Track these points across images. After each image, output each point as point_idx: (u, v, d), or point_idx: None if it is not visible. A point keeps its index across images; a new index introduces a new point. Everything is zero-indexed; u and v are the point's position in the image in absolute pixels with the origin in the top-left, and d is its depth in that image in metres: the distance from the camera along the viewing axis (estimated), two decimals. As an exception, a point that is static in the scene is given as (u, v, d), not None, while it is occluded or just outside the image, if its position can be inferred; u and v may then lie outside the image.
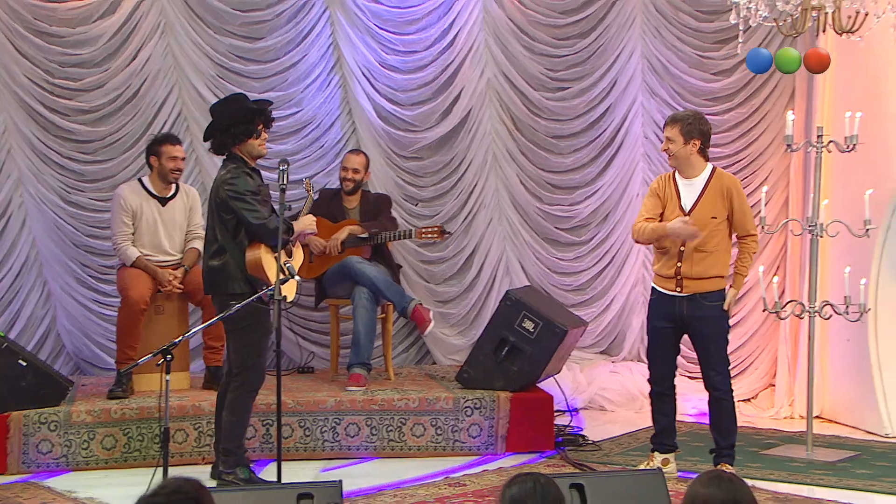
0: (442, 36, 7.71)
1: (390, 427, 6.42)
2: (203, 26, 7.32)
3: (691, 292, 5.76)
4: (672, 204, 5.82)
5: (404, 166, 7.79)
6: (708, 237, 5.74)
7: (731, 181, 5.88)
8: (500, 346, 6.66)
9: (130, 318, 6.42)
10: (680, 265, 5.74)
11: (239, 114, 5.54)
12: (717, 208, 5.75)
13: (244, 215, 5.43)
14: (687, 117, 5.86)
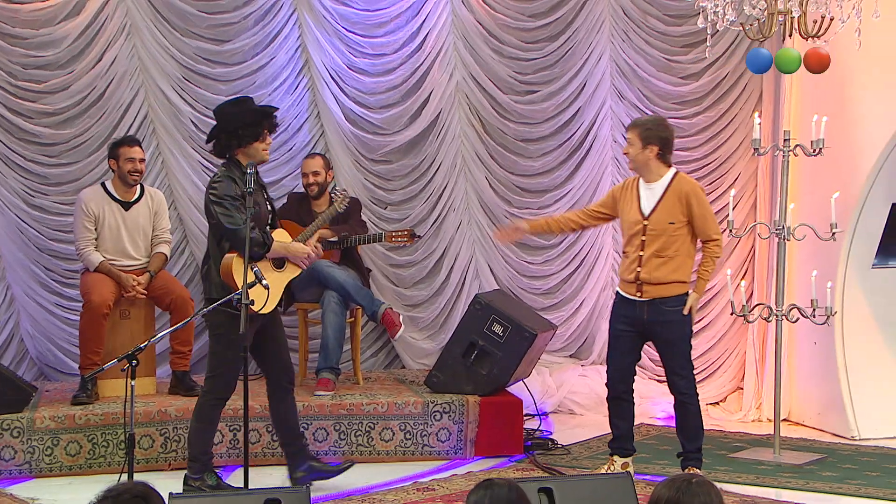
0: (411, 39, 7.71)
1: (359, 432, 6.41)
2: (169, 28, 7.28)
3: (651, 297, 5.78)
4: (632, 208, 5.85)
5: (373, 169, 7.78)
6: (667, 242, 5.76)
7: (691, 186, 5.88)
8: (469, 350, 6.67)
9: (93, 323, 6.37)
10: (639, 270, 5.77)
11: (247, 116, 5.47)
12: (675, 213, 5.77)
13: (219, 220, 5.37)
14: (646, 123, 5.92)
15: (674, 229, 5.76)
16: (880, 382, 7.23)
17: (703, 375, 8.05)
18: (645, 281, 5.76)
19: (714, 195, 7.99)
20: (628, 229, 5.87)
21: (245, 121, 5.44)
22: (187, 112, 7.33)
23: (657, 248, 5.74)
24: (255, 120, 5.46)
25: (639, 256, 5.78)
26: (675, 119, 7.99)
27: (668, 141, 5.85)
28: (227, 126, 5.46)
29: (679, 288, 5.81)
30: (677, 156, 7.94)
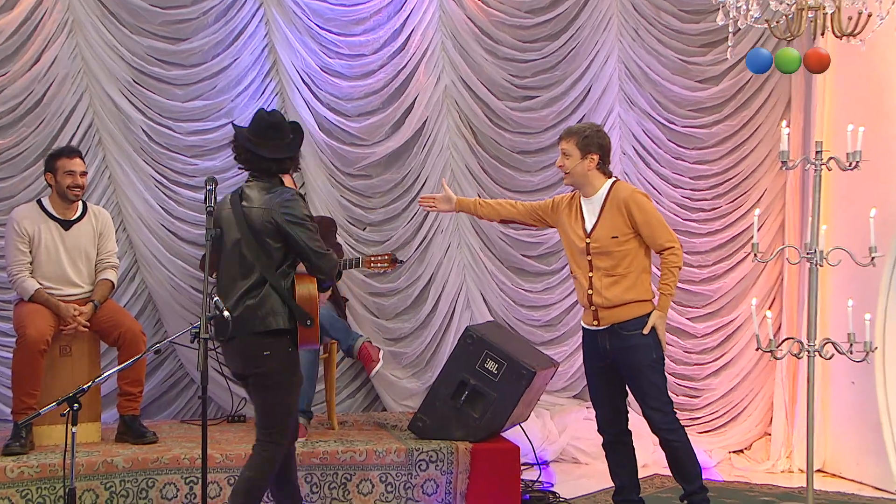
0: (393, 38, 7.73)
1: (333, 484, 6.38)
2: (118, 25, 7.29)
3: (609, 323, 5.78)
4: (575, 225, 5.86)
5: (350, 185, 7.77)
6: (616, 259, 5.77)
7: (629, 193, 5.88)
8: (459, 390, 6.64)
9: (28, 361, 6.31)
10: (591, 293, 5.78)
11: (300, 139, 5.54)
12: (617, 226, 5.77)
13: (305, 243, 5.31)
14: (584, 129, 5.94)
15: (618, 244, 5.76)
16: (927, 427, 7.22)
17: (725, 419, 8.07)
18: (599, 305, 5.77)
19: (737, 214, 8.02)
20: (571, 248, 5.89)
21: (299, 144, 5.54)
22: (138, 120, 7.33)
23: (606, 267, 5.76)
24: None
25: (589, 279, 5.79)
26: (693, 128, 8.02)
27: (608, 149, 5.91)
28: (297, 146, 5.52)
29: (638, 308, 5.79)
30: (695, 170, 8.03)
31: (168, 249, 7.40)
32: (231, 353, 5.39)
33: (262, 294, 5.29)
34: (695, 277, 8.09)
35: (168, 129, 7.39)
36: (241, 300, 5.27)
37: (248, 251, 5.29)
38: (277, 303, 5.31)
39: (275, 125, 5.45)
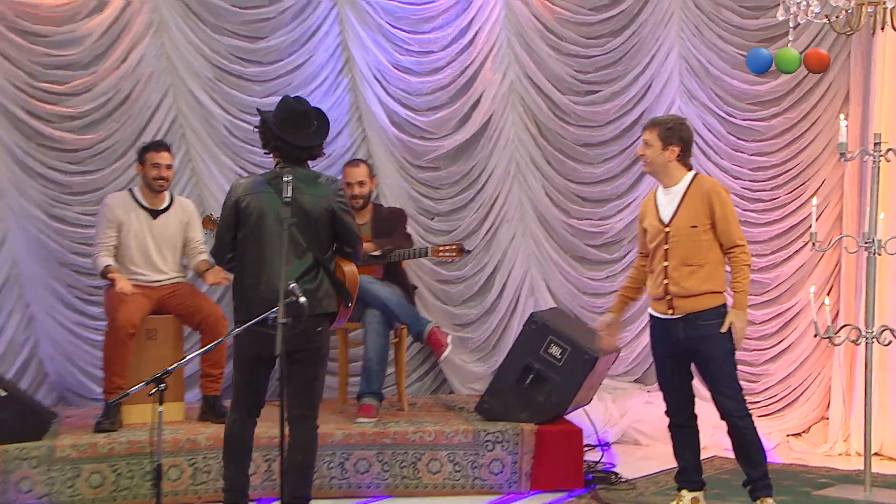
0: (460, 35, 7.72)
1: (404, 463, 6.39)
2: (200, 25, 7.35)
3: (684, 313, 5.70)
4: (652, 218, 5.80)
5: (419, 177, 7.78)
6: (693, 249, 5.68)
7: (712, 185, 5.81)
8: (523, 374, 6.63)
9: (118, 344, 6.41)
10: (667, 283, 5.70)
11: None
12: (698, 216, 5.68)
13: (350, 230, 5.44)
14: (667, 121, 5.86)
15: (697, 234, 5.67)
16: (984, 412, 7.11)
17: (783, 403, 8.00)
18: (675, 294, 5.68)
19: (795, 204, 7.93)
20: (651, 242, 5.81)
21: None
22: (219, 115, 7.39)
23: (683, 257, 5.67)
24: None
25: (664, 268, 5.71)
26: (752, 121, 7.94)
27: (690, 142, 5.82)
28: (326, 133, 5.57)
29: (713, 299, 5.70)
30: (753, 161, 7.94)
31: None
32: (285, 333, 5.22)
33: (319, 277, 5.33)
34: (754, 266, 7.90)
35: (247, 123, 7.43)
36: (295, 285, 5.15)
37: (301, 236, 5.29)
38: (330, 286, 5.38)
39: (304, 113, 5.46)
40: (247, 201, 5.33)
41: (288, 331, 5.00)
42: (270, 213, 5.28)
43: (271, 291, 5.13)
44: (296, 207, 5.22)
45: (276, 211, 5.23)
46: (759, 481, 5.80)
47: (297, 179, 5.22)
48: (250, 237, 5.33)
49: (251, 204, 5.32)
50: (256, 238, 5.32)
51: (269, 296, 5.15)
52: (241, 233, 5.36)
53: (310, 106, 5.56)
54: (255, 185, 5.39)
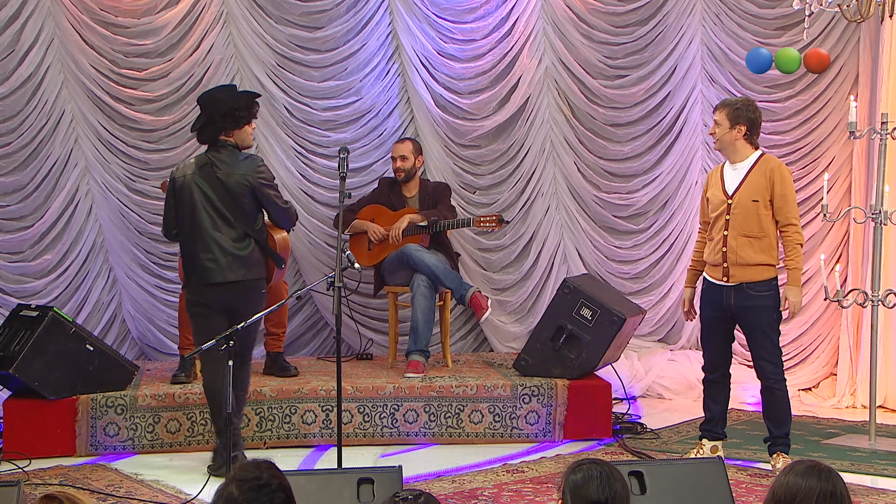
0: (500, 24, 7.68)
1: (448, 413, 6.44)
2: (264, 16, 7.37)
3: (738, 282, 5.68)
4: (716, 187, 5.78)
5: (462, 155, 7.79)
6: (753, 221, 5.66)
7: (777, 164, 5.78)
8: (557, 333, 6.65)
9: None
10: (725, 250, 5.68)
11: (240, 100, 5.72)
12: (760, 191, 5.66)
13: (274, 202, 5.66)
14: (735, 102, 5.84)
15: (758, 208, 5.65)
16: (980, 370, 7.05)
17: (795, 361, 7.94)
18: (732, 262, 5.67)
19: (807, 179, 7.86)
20: (713, 211, 5.80)
21: (239, 104, 5.69)
22: (281, 98, 7.42)
23: (743, 228, 5.66)
24: (248, 103, 5.73)
25: (724, 237, 5.69)
26: (768, 102, 7.85)
27: (756, 122, 5.78)
28: (221, 109, 5.63)
29: (767, 272, 5.69)
30: (769, 140, 7.87)
31: (306, 210, 7.50)
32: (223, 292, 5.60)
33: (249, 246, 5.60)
34: (769, 235, 7.96)
35: (306, 105, 7.47)
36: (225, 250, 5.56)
37: (222, 206, 5.56)
38: (259, 254, 5.65)
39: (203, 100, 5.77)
40: (180, 182, 5.65)
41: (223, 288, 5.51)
42: (197, 191, 5.57)
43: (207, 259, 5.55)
44: (218, 184, 5.51)
45: (201, 188, 5.57)
46: (779, 438, 5.81)
47: (220, 160, 5.58)
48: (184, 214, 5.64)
49: (184, 184, 5.61)
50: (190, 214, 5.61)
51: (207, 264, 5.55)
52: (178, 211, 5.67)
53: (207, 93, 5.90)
54: (187, 167, 5.69)
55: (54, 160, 7.10)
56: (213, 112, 5.63)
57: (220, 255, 5.58)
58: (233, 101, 5.67)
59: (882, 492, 5.48)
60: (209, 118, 5.64)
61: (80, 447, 6.07)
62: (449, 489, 5.47)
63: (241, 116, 5.64)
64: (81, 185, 7.18)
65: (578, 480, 2.90)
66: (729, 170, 5.80)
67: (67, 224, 7.17)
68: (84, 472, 5.76)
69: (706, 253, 5.84)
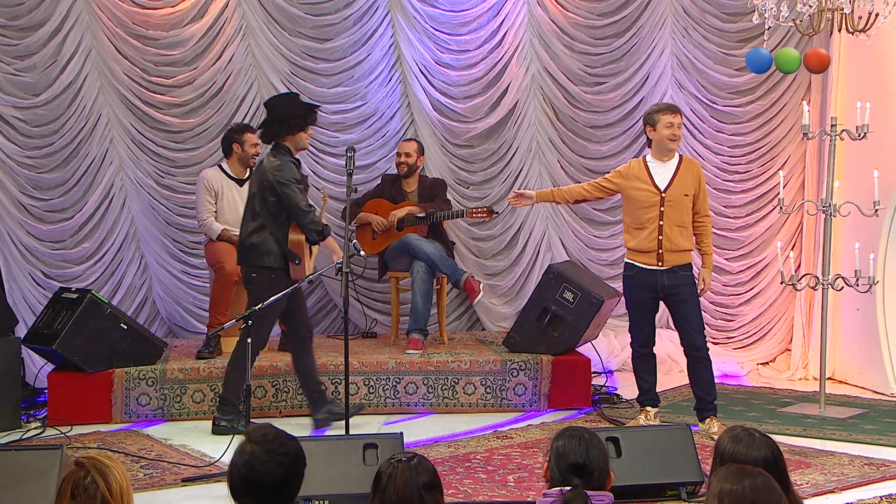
0: (491, 36, 7.67)
1: (445, 386, 6.46)
2: (279, 29, 7.36)
3: (671, 265, 5.73)
4: (644, 182, 5.78)
5: (457, 153, 7.79)
6: (683, 213, 5.74)
7: (699, 166, 5.96)
8: (542, 314, 6.66)
9: (224, 288, 6.48)
10: (661, 238, 5.72)
11: (297, 108, 5.68)
12: (689, 187, 5.77)
13: (291, 201, 5.53)
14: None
15: (687, 201, 5.75)
16: (918, 346, 7.07)
17: (754, 338, 7.98)
18: (666, 249, 5.71)
19: (765, 175, 7.88)
20: (643, 202, 5.77)
21: (295, 111, 5.65)
22: (295, 103, 7.39)
23: (676, 219, 5.73)
24: (304, 111, 5.67)
25: (659, 226, 5.73)
26: (731, 107, 7.88)
27: None
28: (279, 114, 5.63)
29: (690, 256, 5.83)
30: (732, 140, 7.92)
31: (317, 203, 7.50)
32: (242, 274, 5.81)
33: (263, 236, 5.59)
34: (731, 226, 7.98)
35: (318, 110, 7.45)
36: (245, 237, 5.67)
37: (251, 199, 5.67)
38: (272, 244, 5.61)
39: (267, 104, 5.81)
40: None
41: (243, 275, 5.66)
42: (250, 184, 5.76)
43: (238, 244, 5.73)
44: (256, 179, 5.62)
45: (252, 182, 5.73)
46: (710, 404, 5.82)
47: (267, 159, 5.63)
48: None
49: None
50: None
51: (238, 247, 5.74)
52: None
53: (272, 98, 5.96)
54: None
55: (92, 159, 7.10)
56: (271, 117, 5.67)
57: (241, 242, 5.69)
58: (289, 109, 5.66)
59: (830, 454, 5.51)
60: (268, 122, 5.69)
61: (116, 415, 6.09)
62: (445, 453, 5.49)
63: (295, 124, 5.62)
64: (116, 181, 7.19)
65: (560, 447, 2.94)
66: (655, 166, 5.81)
67: (104, 216, 7.18)
68: (119, 438, 5.78)
69: (638, 241, 5.80)
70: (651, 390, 5.98)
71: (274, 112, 5.66)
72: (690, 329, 5.78)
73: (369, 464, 4.48)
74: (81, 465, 2.64)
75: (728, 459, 2.87)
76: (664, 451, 4.72)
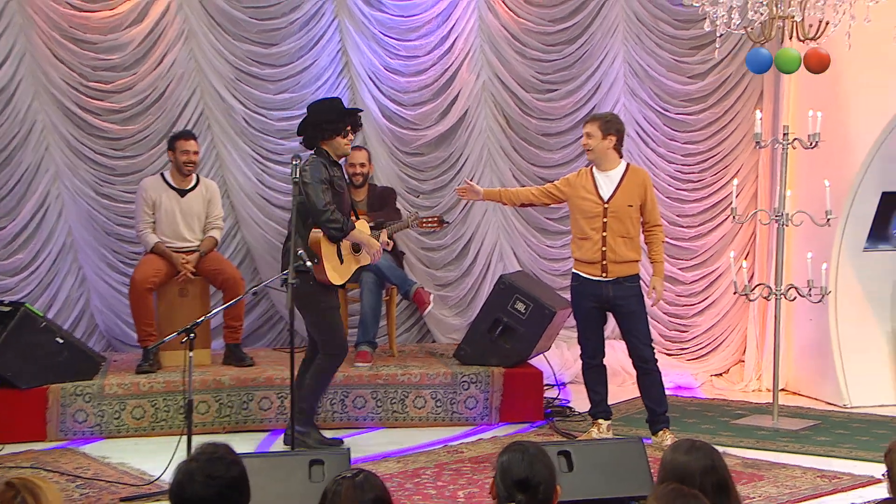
0: (441, 42, 7.69)
1: (394, 399, 6.44)
2: (223, 33, 7.31)
3: (615, 276, 5.78)
4: (588, 192, 5.83)
5: (407, 161, 7.79)
6: (627, 224, 5.78)
7: (645, 175, 5.98)
8: (494, 325, 6.67)
9: (138, 298, 6.42)
10: (604, 250, 5.76)
11: (331, 112, 5.67)
12: (633, 197, 5.80)
13: (310, 199, 5.51)
14: (605, 116, 6.01)
15: (631, 211, 5.80)
16: (869, 355, 7.20)
17: (708, 349, 8.06)
18: (611, 260, 5.75)
19: (719, 184, 7.98)
20: (584, 213, 5.84)
21: (329, 117, 5.64)
22: (239, 109, 7.36)
23: (620, 230, 5.77)
24: (338, 117, 5.65)
25: (602, 237, 5.77)
26: (684, 115, 7.97)
27: (623, 133, 5.93)
28: (313, 120, 5.67)
29: (636, 267, 5.86)
30: (685, 149, 8.00)
31: (262, 212, 7.46)
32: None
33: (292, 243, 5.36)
34: (684, 235, 8.07)
35: (262, 116, 7.42)
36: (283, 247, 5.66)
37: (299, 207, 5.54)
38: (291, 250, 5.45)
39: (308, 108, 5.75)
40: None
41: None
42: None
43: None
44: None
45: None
46: (662, 416, 5.88)
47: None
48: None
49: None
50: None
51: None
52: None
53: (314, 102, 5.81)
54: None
55: (26, 166, 6.99)
56: (305, 122, 5.72)
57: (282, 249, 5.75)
58: (323, 114, 5.67)
59: (783, 466, 5.58)
60: (303, 126, 5.73)
61: (51, 433, 5.99)
62: (394, 469, 5.47)
63: (327, 129, 5.62)
64: (52, 190, 7.08)
65: (505, 462, 2.95)
66: (600, 176, 5.87)
67: (39, 226, 7.07)
68: (54, 456, 5.68)
69: (583, 251, 5.84)
70: (603, 402, 6.01)
71: (308, 117, 5.71)
72: (637, 341, 5.84)
73: (315, 480, 4.45)
74: (12, 485, 2.59)
75: (668, 468, 2.93)
76: (616, 464, 4.75)
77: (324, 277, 5.60)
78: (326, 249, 5.63)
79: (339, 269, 5.67)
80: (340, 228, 5.58)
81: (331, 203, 5.55)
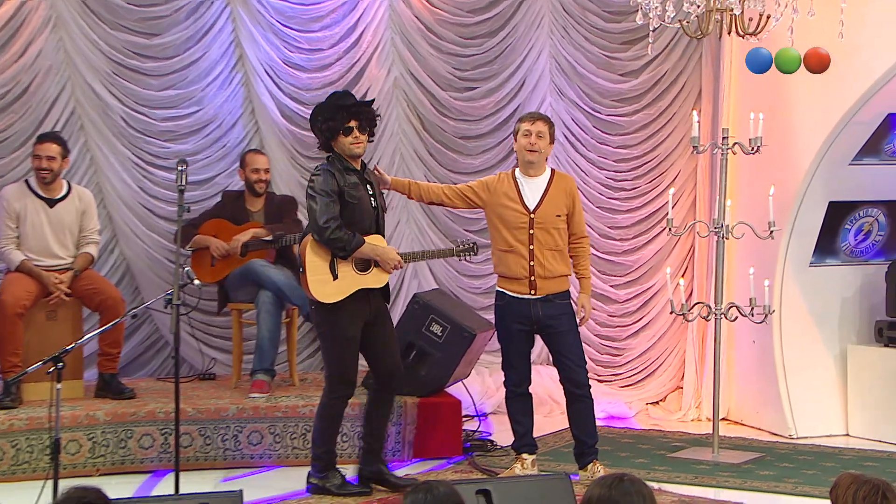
0: (347, 34, 7.69)
1: (294, 434, 6.39)
2: (97, 21, 7.19)
3: (545, 293, 5.82)
4: (511, 200, 5.87)
5: (309, 166, 7.70)
6: (555, 235, 5.84)
7: (572, 182, 6.06)
8: (407, 350, 6.64)
9: (7, 324, 6.25)
10: (533, 264, 5.80)
11: (321, 110, 5.58)
12: (561, 207, 5.87)
13: (310, 213, 5.50)
14: (549, 119, 6.06)
15: (559, 222, 5.86)
16: (817, 381, 7.36)
17: (643, 375, 8.16)
18: (539, 275, 5.79)
19: (653, 193, 8.10)
20: (511, 223, 5.86)
21: (323, 115, 5.56)
22: (117, 108, 7.25)
23: (548, 242, 5.82)
24: (331, 114, 5.55)
25: (530, 251, 5.81)
26: (615, 116, 8.08)
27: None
28: (312, 121, 5.61)
29: (567, 282, 5.92)
30: (617, 153, 8.11)
31: (144, 224, 7.35)
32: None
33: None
34: (617, 249, 8.17)
35: (144, 115, 7.32)
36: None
37: None
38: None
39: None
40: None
41: None
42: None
43: None
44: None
45: None
46: (593, 448, 5.92)
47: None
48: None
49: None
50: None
51: None
52: None
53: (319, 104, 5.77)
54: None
55: None
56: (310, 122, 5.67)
57: None
58: (318, 111, 5.59)
59: (723, 503, 5.66)
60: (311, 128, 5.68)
61: None
62: (293, 513, 5.42)
63: (325, 129, 5.55)
64: None
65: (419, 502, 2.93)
66: (524, 182, 5.91)
67: None
68: None
69: (508, 267, 5.87)
70: (527, 435, 6.03)
71: (311, 116, 5.66)
72: (571, 363, 5.86)
73: (202, 528, 4.37)
74: None
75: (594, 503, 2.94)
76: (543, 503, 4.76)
77: (308, 293, 5.55)
78: (313, 260, 5.54)
79: (329, 285, 5.52)
80: (343, 247, 5.51)
81: (334, 218, 5.45)
